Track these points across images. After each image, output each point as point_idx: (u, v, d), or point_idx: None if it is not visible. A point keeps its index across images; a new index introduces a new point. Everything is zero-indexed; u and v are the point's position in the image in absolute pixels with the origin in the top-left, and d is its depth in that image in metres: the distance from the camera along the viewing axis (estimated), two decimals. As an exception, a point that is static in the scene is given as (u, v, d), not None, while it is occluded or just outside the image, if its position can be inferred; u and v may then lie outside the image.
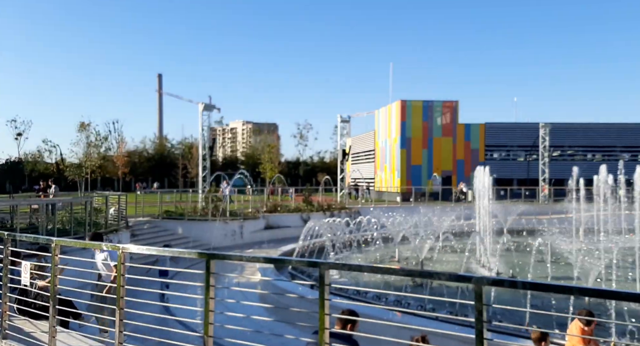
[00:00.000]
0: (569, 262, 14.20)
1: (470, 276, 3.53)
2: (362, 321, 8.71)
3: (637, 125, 49.00)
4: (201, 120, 32.88)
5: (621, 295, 6.41)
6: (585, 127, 48.16)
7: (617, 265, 16.70)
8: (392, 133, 48.47)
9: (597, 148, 47.57)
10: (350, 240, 23.30)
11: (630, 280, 15.83)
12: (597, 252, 14.27)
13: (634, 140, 47.41)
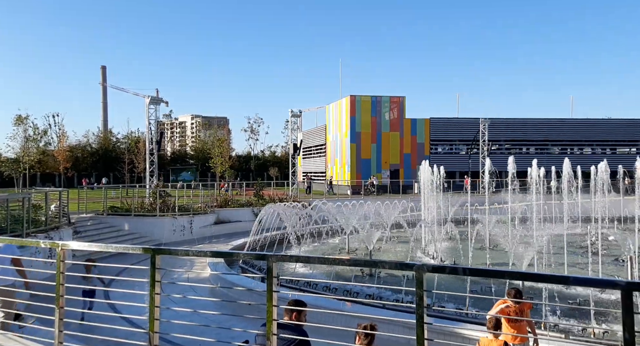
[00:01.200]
0: (506, 249, 15.06)
1: (412, 264, 3.67)
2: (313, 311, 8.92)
3: (565, 120, 52.29)
4: (147, 114, 31.86)
5: (545, 278, 6.97)
6: (520, 121, 50.79)
7: (548, 251, 17.94)
8: (342, 127, 49.05)
9: (531, 142, 50.38)
10: (303, 232, 23.53)
11: (559, 264, 17.04)
12: (530, 239, 15.22)
13: (564, 134, 50.59)
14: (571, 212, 29.30)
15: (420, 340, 3.57)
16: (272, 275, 4.07)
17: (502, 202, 27.85)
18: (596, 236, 21.67)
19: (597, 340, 7.42)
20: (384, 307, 10.71)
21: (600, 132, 51.07)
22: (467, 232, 23.41)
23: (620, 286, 2.88)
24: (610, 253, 18.71)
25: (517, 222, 26.37)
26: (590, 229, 23.55)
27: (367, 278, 14.72)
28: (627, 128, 51.27)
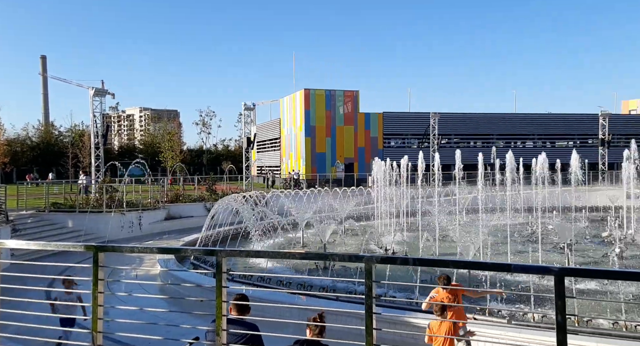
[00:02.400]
0: (453, 240, 15.60)
1: (361, 256, 3.72)
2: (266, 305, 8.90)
3: (509, 115, 54.71)
4: (92, 106, 30.49)
5: (489, 266, 7.28)
6: (468, 116, 52.65)
7: (492, 240, 18.78)
8: (296, 121, 48.98)
9: (478, 136, 52.37)
10: (257, 227, 23.37)
11: (503, 252, 17.87)
12: (476, 229, 15.84)
13: (508, 128, 52.89)
14: (514, 202, 30.78)
15: (369, 329, 3.64)
16: (221, 271, 4.02)
17: (451, 194, 28.84)
18: (537, 225, 22.87)
19: (536, 324, 7.85)
20: (337, 299, 10.83)
21: (541, 127, 53.74)
22: (417, 224, 24.05)
23: (553, 272, 3.04)
24: (550, 241, 19.78)
25: (464, 213, 27.42)
26: (532, 219, 24.86)
27: (322, 271, 14.84)
28: (565, 123, 54.25)
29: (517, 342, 7.13)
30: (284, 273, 14.24)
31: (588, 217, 27.23)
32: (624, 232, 21.35)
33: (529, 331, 7.30)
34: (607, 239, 20.02)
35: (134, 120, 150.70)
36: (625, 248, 17.50)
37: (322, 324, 5.17)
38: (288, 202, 22.99)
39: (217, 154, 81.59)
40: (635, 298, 10.90)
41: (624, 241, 19.48)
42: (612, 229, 21.24)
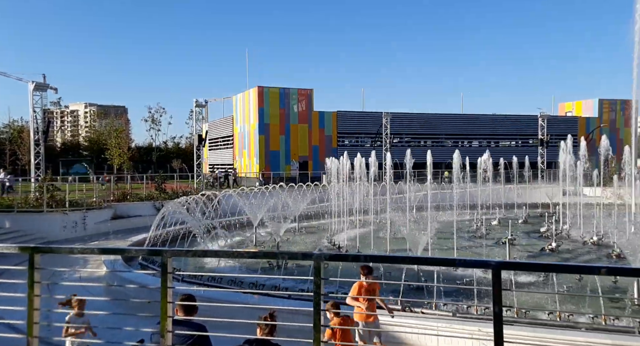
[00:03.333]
0: (403, 236, 15.98)
1: (310, 254, 3.74)
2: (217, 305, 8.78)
3: (457, 116, 56.68)
4: (32, 101, 28.85)
5: (435, 261, 7.52)
6: (418, 116, 54.07)
7: (440, 236, 19.43)
8: (250, 119, 48.48)
9: (428, 135, 53.90)
10: (208, 226, 22.97)
11: (450, 248, 18.53)
12: (425, 226, 16.33)
13: (456, 128, 54.77)
14: (461, 199, 31.94)
15: (317, 327, 3.68)
16: (167, 271, 3.94)
17: (402, 192, 29.51)
18: (481, 221, 23.88)
19: (478, 316, 8.21)
20: (289, 297, 10.85)
21: (486, 127, 56.01)
22: (370, 221, 24.46)
23: (491, 266, 3.19)
24: (493, 236, 20.66)
25: (415, 210, 28.16)
26: (477, 215, 25.91)
27: (276, 270, 14.81)
28: (508, 124, 56.81)
29: (461, 334, 7.42)
30: (236, 273, 14.10)
31: (528, 213, 28.66)
32: (560, 227, 22.65)
33: (472, 323, 7.62)
34: (545, 234, 21.15)
35: (78, 116, 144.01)
36: (561, 242, 18.58)
37: (272, 323, 5.18)
38: (241, 201, 22.74)
39: (167, 152, 79.42)
40: (569, 289, 11.61)
41: (560, 236, 20.68)
42: (550, 224, 22.49)
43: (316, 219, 27.64)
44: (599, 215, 21.32)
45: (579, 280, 12.12)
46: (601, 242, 18.46)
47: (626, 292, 11.20)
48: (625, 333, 7.32)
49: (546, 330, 7.20)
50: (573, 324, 7.66)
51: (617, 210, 21.77)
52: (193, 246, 19.08)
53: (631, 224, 18.93)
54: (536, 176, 37.13)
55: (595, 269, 3.95)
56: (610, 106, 60.32)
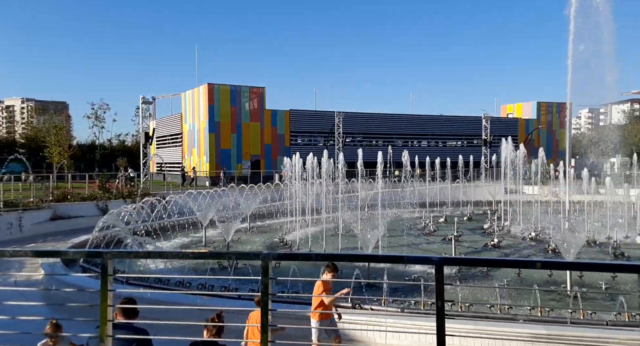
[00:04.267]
0: (355, 234, 16.18)
1: (258, 253, 3.71)
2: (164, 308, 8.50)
3: (407, 116, 58.11)
4: (-40, 93, 26.82)
5: (385, 258, 7.65)
6: (370, 116, 54.94)
7: (391, 234, 19.84)
8: (200, 116, 47.44)
9: (380, 135, 54.90)
10: (155, 227, 22.28)
11: (400, 245, 18.97)
12: (376, 224, 16.60)
13: (406, 128, 56.13)
14: (410, 197, 32.77)
15: (264, 327, 3.65)
16: (107, 273, 3.78)
17: (354, 191, 29.88)
18: (429, 219, 24.61)
19: (426, 311, 8.45)
20: (239, 298, 10.71)
21: (434, 127, 57.78)
22: (322, 219, 24.59)
23: (433, 262, 3.28)
24: (440, 234, 21.33)
25: (366, 208, 28.59)
26: (425, 213, 26.67)
27: (226, 271, 14.59)
28: (455, 125, 58.88)
29: (409, 329, 7.60)
30: (184, 274, 13.77)
31: (473, 210, 29.84)
32: (501, 224, 23.75)
33: (418, 318, 7.82)
34: (488, 230, 22.07)
35: (14, 111, 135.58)
36: (502, 238, 19.46)
37: (219, 324, 5.09)
38: (191, 201, 22.23)
39: (111, 150, 76.31)
40: (509, 283, 12.18)
41: (502, 232, 21.68)
42: (492, 221, 23.52)
43: (268, 218, 27.48)
44: (536, 212, 22.52)
45: (518, 274, 12.74)
46: (539, 238, 19.49)
47: (560, 284, 11.89)
48: (558, 323, 7.78)
49: (487, 323, 7.52)
50: (512, 316, 8.05)
51: (553, 207, 23.10)
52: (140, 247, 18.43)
53: (565, 220, 20.13)
54: (480, 175, 38.68)
55: (532, 263, 4.16)
56: (548, 108, 63.87)
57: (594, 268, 8.59)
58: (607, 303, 10.59)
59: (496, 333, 6.97)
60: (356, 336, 8.18)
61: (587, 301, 10.38)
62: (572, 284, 11.48)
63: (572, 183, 24.88)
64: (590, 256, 16.06)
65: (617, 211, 20.59)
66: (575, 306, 8.79)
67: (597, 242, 18.23)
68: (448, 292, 10.82)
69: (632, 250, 16.65)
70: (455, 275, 13.17)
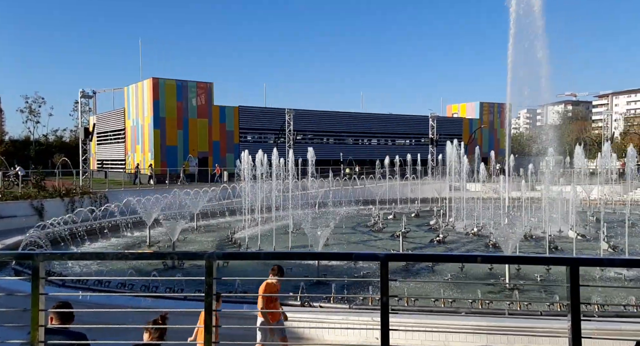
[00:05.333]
0: (305, 232, 16.15)
1: (202, 253, 3.64)
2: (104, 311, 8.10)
3: (358, 114, 58.90)
4: None
5: (333, 256, 7.68)
6: (321, 114, 55.19)
7: (341, 231, 20.05)
8: (144, 112, 45.77)
9: (331, 133, 55.27)
10: (96, 227, 21.32)
11: (350, 242, 19.21)
12: (326, 222, 16.68)
13: (357, 127, 56.85)
14: (361, 195, 33.25)
15: (208, 328, 3.56)
16: (38, 276, 3.57)
17: (305, 188, 29.94)
18: (378, 216, 25.06)
19: (373, 307, 8.57)
20: (185, 299, 10.41)
21: (384, 126, 58.89)
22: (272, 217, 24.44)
23: (379, 258, 3.31)
24: (389, 230, 21.77)
25: (317, 206, 28.69)
26: (374, 210, 27.15)
27: (171, 270, 14.17)
28: (404, 123, 60.31)
29: (356, 325, 7.69)
30: (126, 276, 13.23)
31: (420, 207, 30.72)
32: (446, 220, 24.59)
33: (366, 314, 7.93)
34: (433, 226, 22.78)
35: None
36: (447, 234, 20.15)
37: (161, 326, 4.93)
38: (134, 199, 21.40)
39: (47, 146, 72.13)
40: (453, 277, 12.62)
41: (447, 228, 22.44)
42: (438, 218, 24.32)
43: (217, 217, 26.99)
44: (479, 208, 23.49)
45: (461, 268, 13.23)
46: (480, 233, 20.33)
47: (499, 277, 12.46)
48: (497, 314, 8.14)
49: (431, 316, 7.75)
50: (455, 309, 8.33)
51: (493, 203, 24.16)
52: (78, 248, 17.56)
53: (505, 216, 21.11)
54: (427, 173, 39.88)
55: (473, 258, 4.32)
56: (490, 108, 66.78)
57: (528, 262, 9.09)
58: (542, 295, 11.22)
59: (440, 326, 7.19)
60: (304, 335, 8.17)
61: (524, 293, 10.94)
62: (511, 277, 12.06)
63: (511, 180, 26.15)
64: (528, 250, 16.96)
65: (552, 207, 21.85)
66: (513, 298, 9.24)
67: (533, 236, 19.26)
68: (396, 287, 11.07)
69: (564, 243, 17.72)
70: (402, 270, 13.48)
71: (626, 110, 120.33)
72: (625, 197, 31.30)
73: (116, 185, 32.65)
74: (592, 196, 28.73)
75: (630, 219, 21.27)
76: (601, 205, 23.88)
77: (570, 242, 16.86)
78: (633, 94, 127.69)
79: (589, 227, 21.67)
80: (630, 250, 15.63)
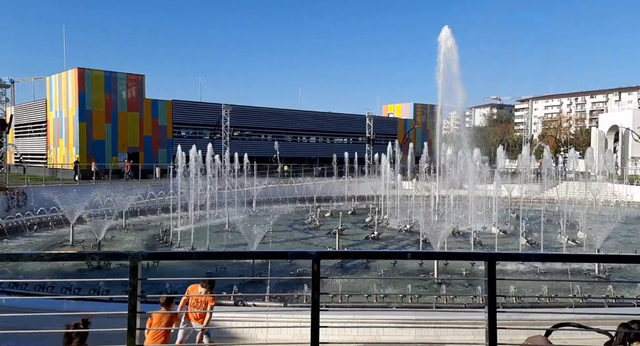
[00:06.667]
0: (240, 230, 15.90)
1: (126, 254, 3.51)
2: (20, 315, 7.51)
3: (296, 112, 59.00)
4: None
5: (266, 254, 7.61)
6: (259, 110, 54.65)
7: (278, 229, 19.97)
8: (68, 104, 42.96)
9: (269, 129, 54.90)
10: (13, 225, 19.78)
11: (288, 240, 19.19)
12: (264, 220, 16.55)
13: (295, 124, 56.91)
14: (299, 193, 33.32)
15: (132, 331, 3.40)
16: None
17: (242, 186, 29.47)
18: (316, 213, 25.24)
19: (308, 304, 8.60)
20: (111, 301, 9.90)
21: (322, 124, 59.41)
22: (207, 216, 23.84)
23: (310, 256, 3.31)
24: (326, 228, 21.96)
25: (254, 204, 28.38)
26: (312, 208, 27.33)
27: (97, 271, 13.43)
28: (342, 122, 61.18)
29: (290, 323, 7.67)
30: (46, 277, 12.37)
31: (356, 205, 31.30)
32: (381, 217, 25.25)
33: (299, 312, 7.93)
34: (369, 223, 23.30)
35: None
36: (381, 231, 20.69)
37: (81, 330, 4.66)
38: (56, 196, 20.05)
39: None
40: (387, 273, 12.98)
41: (381, 225, 23.04)
42: (373, 215, 24.90)
43: (148, 215, 25.94)
44: (412, 205, 24.34)
45: (394, 264, 13.63)
46: (413, 230, 21.06)
47: (429, 273, 12.98)
48: (425, 308, 8.47)
49: (363, 312, 7.91)
50: (386, 304, 8.57)
51: (425, 201, 25.15)
52: None
53: (435, 213, 22.05)
54: (364, 171, 40.68)
55: (403, 254, 4.44)
56: (423, 110, 69.42)
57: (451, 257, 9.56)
58: (468, 288, 11.81)
59: (371, 321, 7.35)
60: (238, 334, 8.05)
61: (451, 287, 11.47)
62: (439, 272, 12.59)
63: (441, 179, 27.33)
64: (455, 245, 17.80)
65: (477, 204, 23.08)
66: (440, 292, 9.65)
67: (460, 232, 20.24)
68: (333, 284, 11.18)
69: (487, 239, 18.79)
70: (338, 267, 13.66)
71: (544, 114, 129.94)
72: (542, 195, 33.80)
73: (36, 181, 30.43)
74: (514, 194, 30.70)
75: (545, 216, 22.99)
76: (520, 203, 25.56)
77: (493, 238, 17.89)
78: (550, 99, 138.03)
79: (510, 223, 23.12)
80: (545, 244, 16.87)
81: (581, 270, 13.42)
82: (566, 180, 38.30)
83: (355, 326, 6.94)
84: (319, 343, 3.19)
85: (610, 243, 17.20)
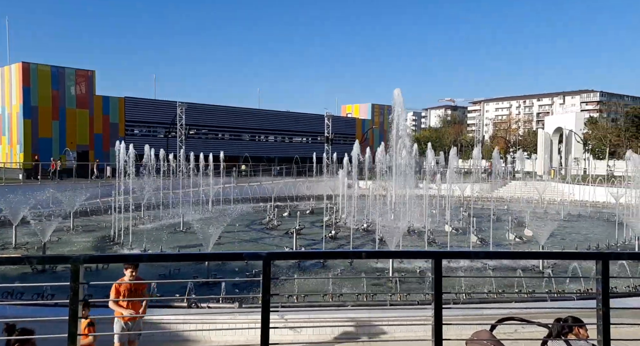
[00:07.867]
0: (194, 231, 15.60)
1: (68, 257, 3.36)
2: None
3: (255, 111, 58.53)
4: None
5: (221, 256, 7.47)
6: (216, 108, 53.80)
7: (234, 229, 19.74)
8: (11, 99, 40.73)
9: (226, 128, 54.14)
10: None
11: (244, 240, 18.97)
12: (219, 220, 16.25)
13: (254, 123, 56.44)
14: (256, 192, 33.04)
15: (72, 337, 3.26)
16: None
17: (197, 185, 28.91)
18: (273, 213, 25.09)
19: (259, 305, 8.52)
20: (56, 305, 9.45)
21: (281, 123, 59.20)
22: (160, 216, 23.25)
23: (261, 257, 3.28)
24: (284, 227, 21.88)
25: (210, 203, 27.89)
26: (269, 207, 27.13)
27: (43, 274, 12.81)
28: (301, 121, 61.22)
29: (246, 324, 7.58)
30: None
31: (315, 204, 31.37)
32: (339, 217, 25.43)
33: (254, 313, 7.86)
34: (327, 223, 23.41)
35: None
36: (339, 230, 20.83)
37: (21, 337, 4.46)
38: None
39: None
40: (343, 272, 13.08)
41: (339, 224, 23.20)
42: (331, 215, 25.03)
43: (98, 215, 24.96)
44: (369, 205, 24.65)
45: (350, 263, 13.75)
46: (369, 229, 21.33)
47: (384, 271, 13.19)
48: (380, 306, 8.60)
49: (318, 311, 7.93)
50: (342, 303, 8.63)
51: (381, 200, 25.53)
52: None
53: (391, 212, 22.43)
54: (322, 170, 40.84)
55: (358, 254, 4.48)
56: (380, 110, 70.51)
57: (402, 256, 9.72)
58: (422, 285, 12.09)
59: (326, 320, 7.38)
60: (191, 336, 7.88)
61: (405, 284, 11.69)
62: (394, 270, 12.82)
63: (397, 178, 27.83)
64: (410, 243, 18.18)
65: (431, 203, 23.69)
66: (394, 290, 9.83)
67: (416, 230, 20.70)
68: (288, 285, 11.14)
69: (441, 237, 19.30)
70: (294, 267, 13.63)
71: (495, 116, 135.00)
72: (491, 194, 35.10)
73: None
74: (466, 193, 31.72)
75: (495, 214, 23.87)
76: (472, 201, 26.46)
77: (446, 236, 18.40)
78: (500, 102, 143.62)
79: (462, 221, 23.86)
80: (494, 241, 17.52)
81: (527, 266, 14.03)
82: (515, 179, 39.98)
83: (311, 326, 6.95)
84: (268, 344, 3.16)
85: (554, 240, 18.08)
